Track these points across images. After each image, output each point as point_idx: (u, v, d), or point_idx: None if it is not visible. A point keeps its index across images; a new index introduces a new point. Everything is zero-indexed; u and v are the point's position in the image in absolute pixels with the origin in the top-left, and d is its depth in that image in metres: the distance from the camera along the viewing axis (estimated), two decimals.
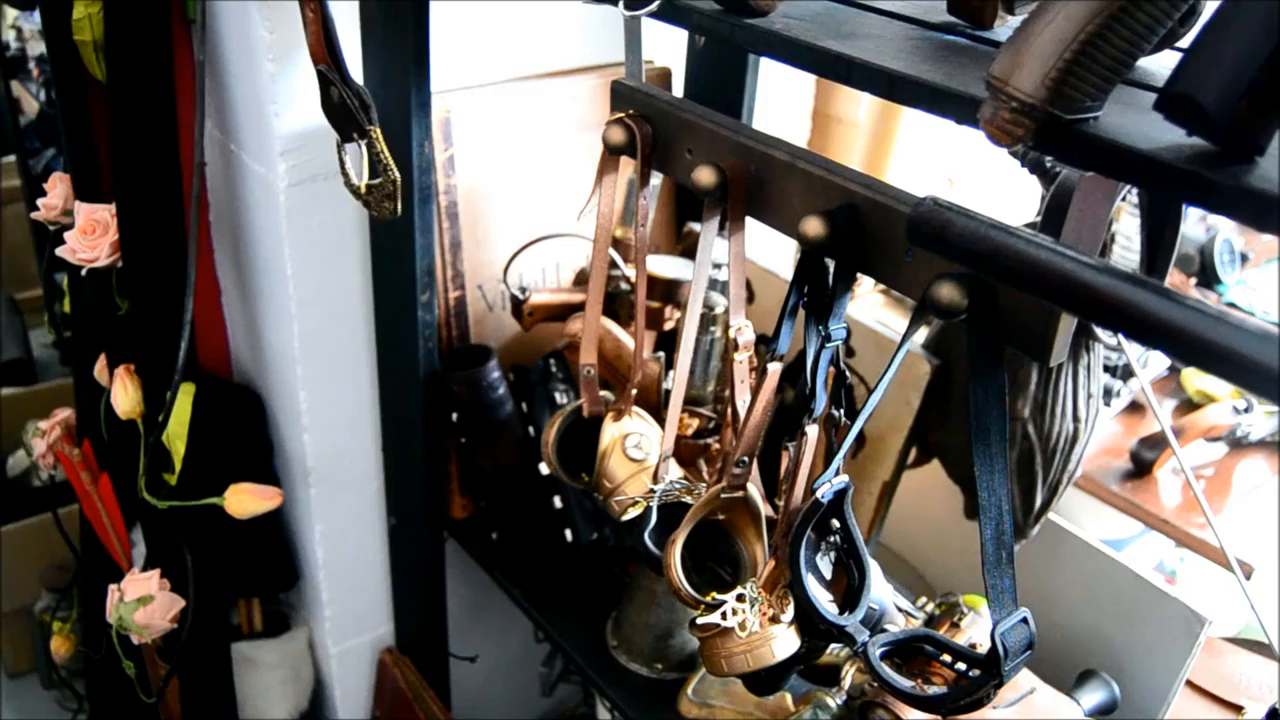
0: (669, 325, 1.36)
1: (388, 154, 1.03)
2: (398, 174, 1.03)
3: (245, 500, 1.32)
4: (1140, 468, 1.72)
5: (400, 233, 1.28)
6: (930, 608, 1.24)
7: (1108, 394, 1.83)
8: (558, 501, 1.40)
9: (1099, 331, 1.16)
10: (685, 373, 0.98)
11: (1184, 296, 0.51)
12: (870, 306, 1.78)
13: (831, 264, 0.79)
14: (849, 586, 0.86)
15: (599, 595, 1.41)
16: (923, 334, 1.34)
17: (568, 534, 1.39)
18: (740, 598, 0.85)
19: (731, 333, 0.89)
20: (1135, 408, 1.87)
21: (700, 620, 0.86)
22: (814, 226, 0.75)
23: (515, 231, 1.46)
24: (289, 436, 1.54)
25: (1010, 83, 0.55)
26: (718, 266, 1.27)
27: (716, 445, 1.22)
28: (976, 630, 1.20)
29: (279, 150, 1.28)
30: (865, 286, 1.76)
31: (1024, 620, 0.75)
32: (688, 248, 1.52)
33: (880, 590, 0.91)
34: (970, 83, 0.65)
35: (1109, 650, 1.26)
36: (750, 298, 1.46)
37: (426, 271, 1.30)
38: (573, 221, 1.47)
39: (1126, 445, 1.76)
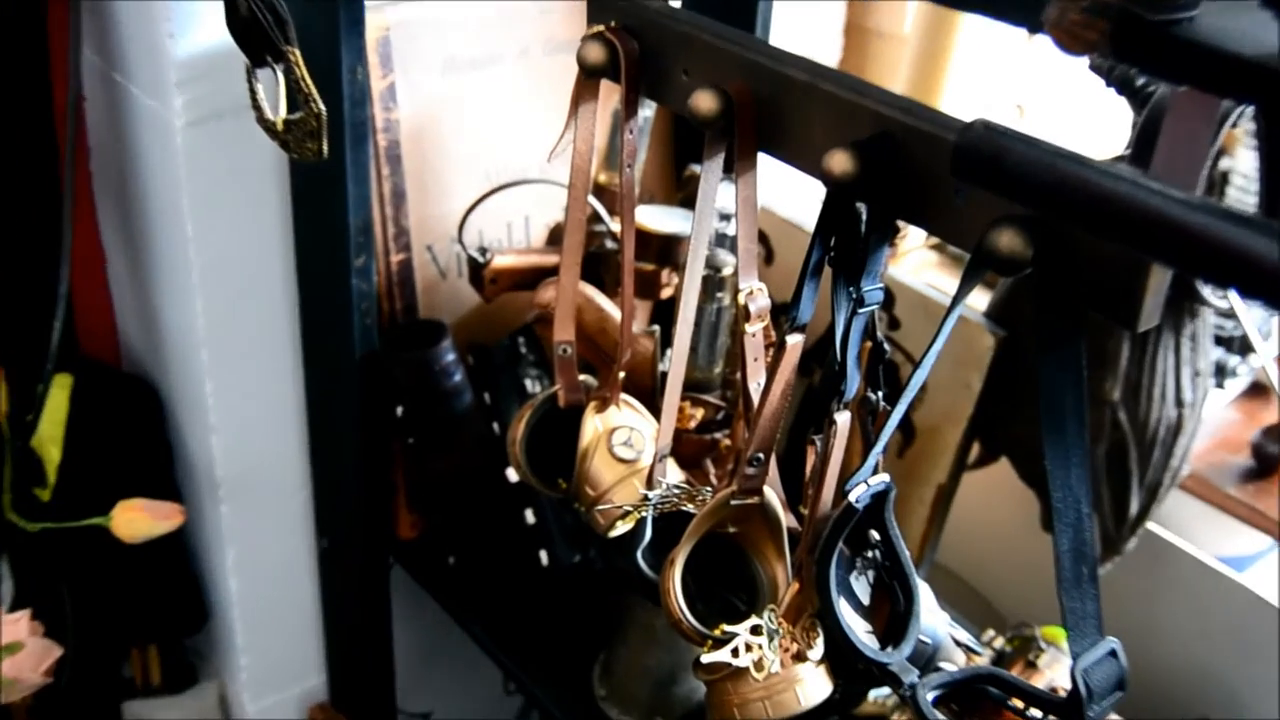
0: (667, 292, 1.36)
1: (310, 82, 1.03)
2: (323, 106, 1.03)
3: (138, 520, 1.32)
4: (1264, 465, 1.72)
5: (328, 181, 1.28)
6: (999, 643, 1.25)
7: (1220, 372, 1.83)
8: (530, 515, 1.40)
9: (1205, 292, 1.16)
10: (685, 350, 0.98)
11: None
12: (920, 266, 1.78)
13: (864, 209, 0.79)
14: (893, 614, 0.86)
15: (583, 633, 1.41)
16: (985, 299, 1.35)
17: (543, 556, 1.40)
18: (756, 630, 0.85)
19: (741, 299, 0.89)
20: (1257, 390, 1.87)
21: (706, 659, 0.86)
22: (840, 162, 0.75)
23: (473, 178, 1.46)
24: (192, 439, 1.54)
25: None
26: (726, 218, 1.27)
27: (726, 441, 1.23)
28: (1059, 671, 1.21)
29: (175, 80, 1.28)
30: (913, 240, 1.76)
31: (1112, 653, 0.76)
32: (689, 196, 1.52)
33: (933, 619, 0.91)
34: None
35: (1226, 692, 1.27)
36: (768, 256, 1.47)
37: (362, 229, 1.30)
38: (544, 164, 1.47)
39: (1246, 437, 1.76)
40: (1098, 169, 0.59)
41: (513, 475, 1.37)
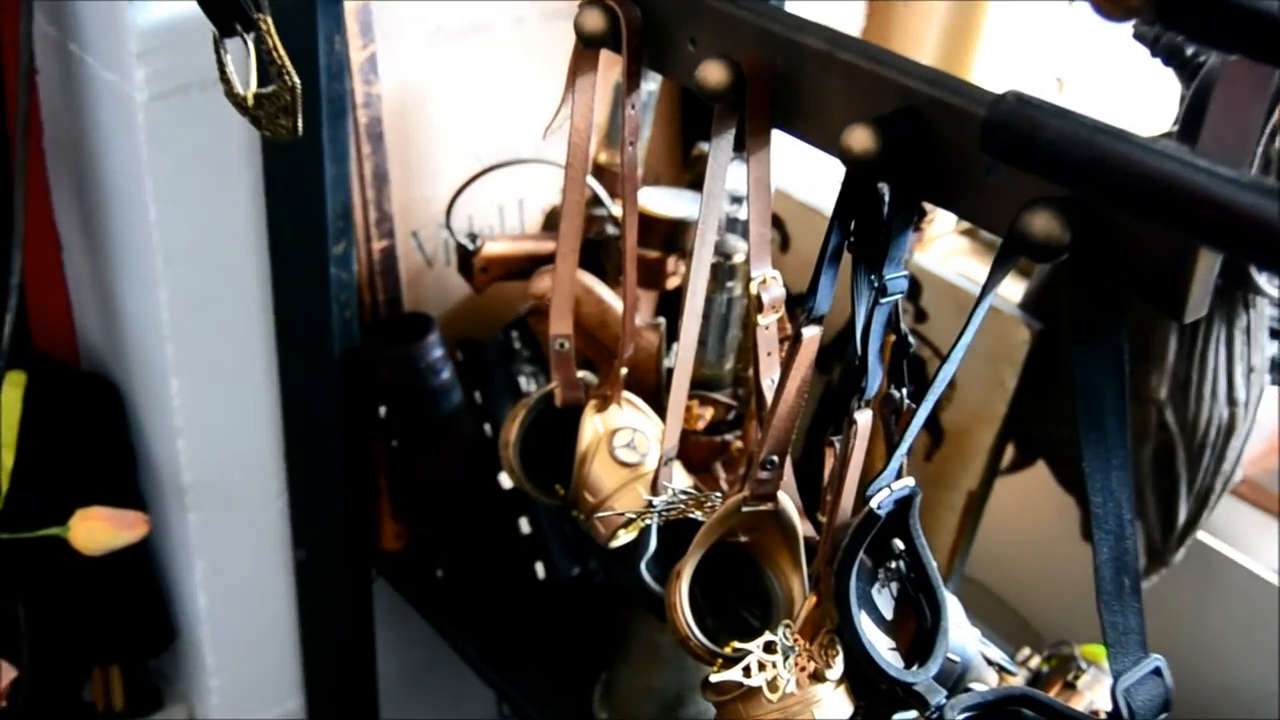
0: (673, 282, 1.37)
1: (283, 52, 1.03)
2: (297, 79, 1.03)
3: (98, 530, 1.32)
4: None
5: (304, 161, 1.28)
6: (1035, 662, 1.25)
7: (1276, 368, 1.83)
8: (525, 524, 1.40)
9: (1260, 280, 1.16)
10: (692, 344, 0.98)
11: None
12: (949, 253, 1.78)
13: (886, 190, 0.79)
14: (918, 630, 0.86)
15: (583, 652, 1.42)
16: (1021, 289, 1.35)
17: (539, 568, 1.40)
18: (770, 647, 0.86)
19: (753, 288, 0.89)
20: None
21: (715, 678, 0.87)
22: (861, 139, 0.75)
23: (461, 158, 1.46)
24: (157, 442, 1.54)
25: None
26: (737, 201, 1.27)
27: (738, 443, 1.23)
28: (1100, 693, 1.21)
29: (136, 51, 1.28)
30: (941, 224, 1.76)
31: (1156, 671, 0.76)
32: (697, 176, 1.52)
33: (962, 636, 0.92)
34: None
35: None
36: (783, 242, 1.47)
37: (340, 214, 1.30)
38: (539, 142, 1.47)
39: None
40: (1140, 145, 0.59)
41: (506, 481, 1.37)
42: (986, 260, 1.80)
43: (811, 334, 0.84)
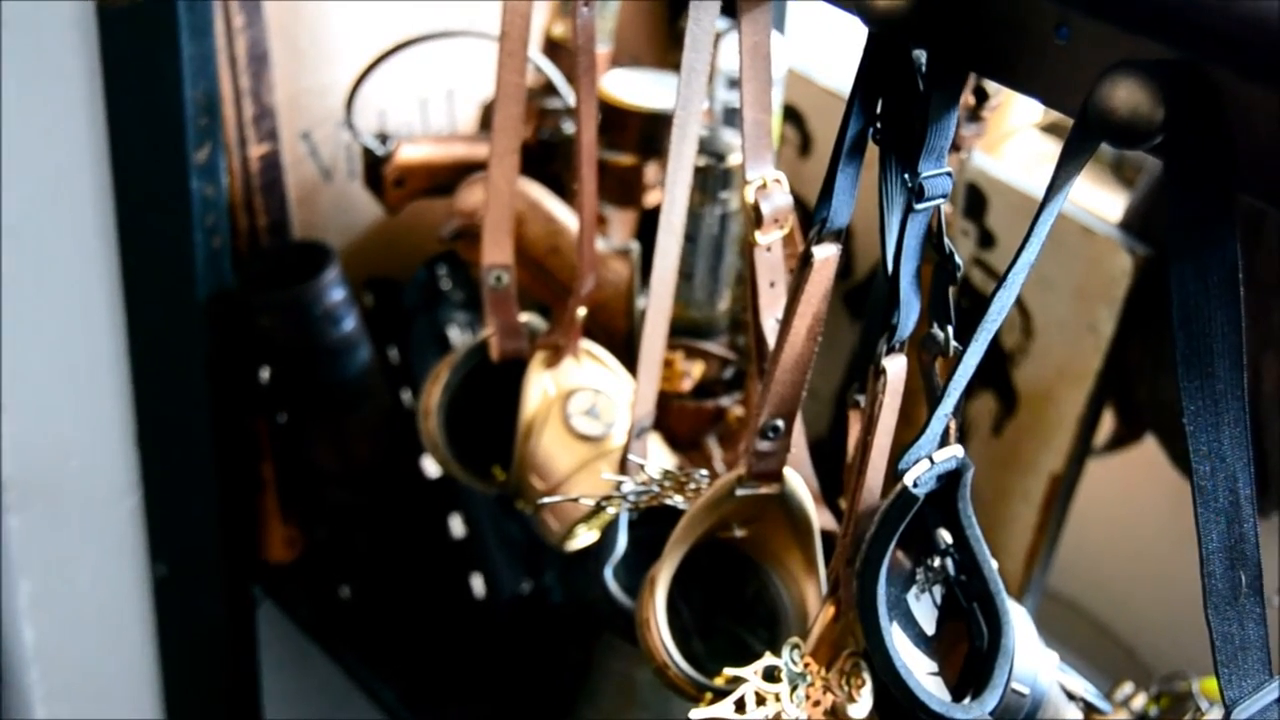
0: (655, 197, 1.36)
1: None
2: None
3: None
4: None
5: (152, 36, 1.27)
6: (1140, 701, 1.25)
7: None
8: (459, 524, 1.40)
9: None
10: (672, 276, 0.98)
11: None
12: (1030, 160, 1.77)
13: (923, 56, 0.79)
14: (972, 652, 0.86)
15: (537, 692, 1.42)
16: (1122, 202, 1.34)
17: (477, 583, 1.40)
18: (771, 674, 0.86)
19: (749, 194, 0.89)
20: None
21: (696, 715, 0.86)
22: None
23: (368, 31, 1.45)
24: None
25: None
26: (735, 85, 1.27)
27: (739, 409, 1.23)
28: None
29: None
30: (1018, 115, 1.74)
31: None
32: None
33: (1033, 661, 0.92)
34: None
35: None
36: (804, 143, 1.47)
37: (204, 108, 1.30)
38: (474, 11, 1.46)
39: None
40: None
41: (431, 467, 1.37)
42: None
43: (826, 254, 0.83)
